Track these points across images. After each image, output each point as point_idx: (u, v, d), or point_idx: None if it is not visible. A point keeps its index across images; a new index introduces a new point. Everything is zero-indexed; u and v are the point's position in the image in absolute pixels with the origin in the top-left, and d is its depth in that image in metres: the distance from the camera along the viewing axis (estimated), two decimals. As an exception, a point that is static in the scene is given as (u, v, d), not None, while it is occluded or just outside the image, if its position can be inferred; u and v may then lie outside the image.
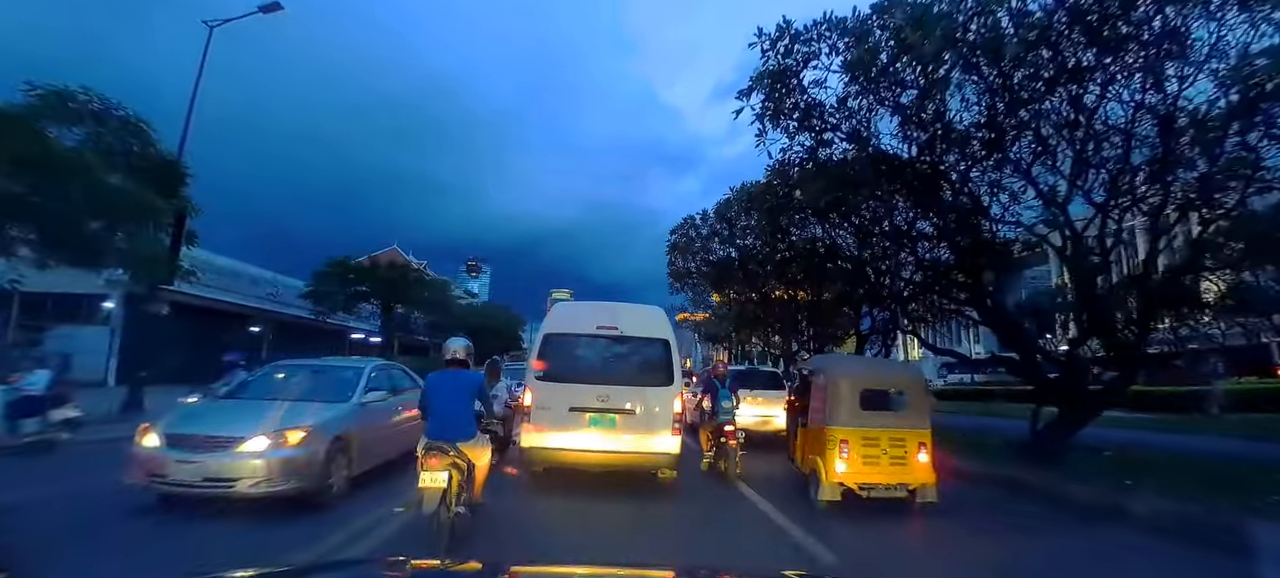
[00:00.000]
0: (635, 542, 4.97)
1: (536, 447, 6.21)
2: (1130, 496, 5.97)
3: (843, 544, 4.81)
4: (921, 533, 5.57)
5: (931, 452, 5.98)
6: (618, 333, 6.56)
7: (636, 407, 6.23)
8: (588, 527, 5.35)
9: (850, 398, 5.99)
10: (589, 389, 6.25)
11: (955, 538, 5.40)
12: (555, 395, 6.23)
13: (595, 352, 6.63)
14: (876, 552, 4.86)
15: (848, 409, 5.95)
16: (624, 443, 6.17)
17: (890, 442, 5.88)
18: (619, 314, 6.72)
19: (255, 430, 5.05)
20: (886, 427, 5.97)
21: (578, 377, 6.35)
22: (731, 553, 4.82)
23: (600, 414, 6.21)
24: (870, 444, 5.84)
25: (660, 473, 6.36)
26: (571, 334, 6.67)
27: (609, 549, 4.74)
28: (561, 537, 5.10)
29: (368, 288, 28.59)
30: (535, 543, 4.83)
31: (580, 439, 6.16)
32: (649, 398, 6.28)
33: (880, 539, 5.13)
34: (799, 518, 5.57)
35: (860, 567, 4.53)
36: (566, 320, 6.83)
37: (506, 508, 5.46)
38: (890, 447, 5.87)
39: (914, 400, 6.23)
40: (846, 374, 6.34)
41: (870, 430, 5.88)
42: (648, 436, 6.20)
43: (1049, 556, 5.00)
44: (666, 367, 6.42)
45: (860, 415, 5.97)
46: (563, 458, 6.21)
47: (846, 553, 4.61)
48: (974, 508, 6.34)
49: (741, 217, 16.98)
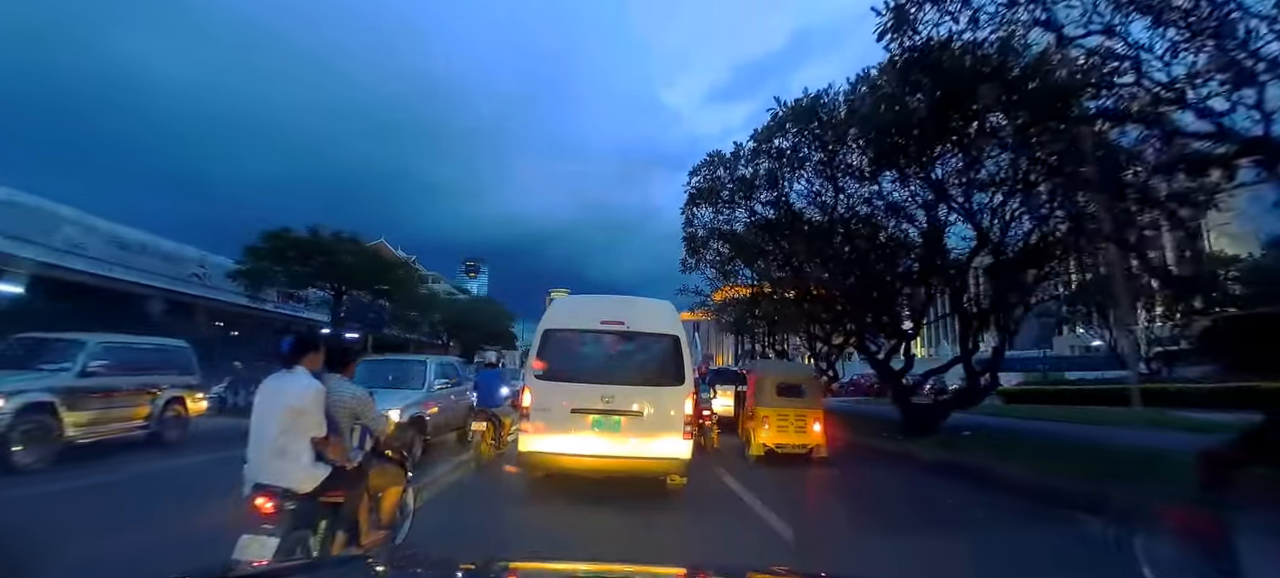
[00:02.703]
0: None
1: (534, 451, 5.95)
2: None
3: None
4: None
5: (824, 424, 9.49)
6: (624, 328, 6.21)
7: (644, 408, 5.93)
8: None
9: (771, 389, 9.21)
10: (592, 389, 5.95)
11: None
12: (555, 396, 5.96)
13: (599, 349, 6.31)
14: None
15: (769, 397, 9.16)
16: (630, 447, 5.87)
17: (796, 417, 9.33)
18: (625, 308, 6.36)
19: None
20: (794, 407, 9.41)
21: (580, 376, 6.06)
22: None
23: (604, 416, 5.89)
24: (783, 419, 9.24)
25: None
26: (573, 330, 6.34)
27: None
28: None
29: (315, 268, 23.85)
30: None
31: (582, 443, 5.86)
32: (657, 399, 5.98)
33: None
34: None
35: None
36: (568, 315, 6.50)
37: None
38: (796, 421, 9.32)
39: (811, 391, 9.77)
40: (769, 373, 9.77)
41: (784, 410, 9.16)
42: (656, 439, 5.91)
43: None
44: (676, 365, 6.08)
45: (777, 400, 9.15)
46: (563, 463, 5.99)
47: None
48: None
49: (801, 147, 12.80)
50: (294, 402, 3.19)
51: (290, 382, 3.28)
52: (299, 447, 3.16)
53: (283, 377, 3.32)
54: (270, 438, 3.14)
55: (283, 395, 3.21)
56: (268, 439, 3.15)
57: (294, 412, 3.17)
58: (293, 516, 3.08)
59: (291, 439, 3.15)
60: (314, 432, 3.22)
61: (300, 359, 3.35)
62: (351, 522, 3.52)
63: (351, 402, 3.55)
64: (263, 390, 3.30)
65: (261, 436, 3.18)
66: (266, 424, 3.17)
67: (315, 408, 3.24)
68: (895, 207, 12.75)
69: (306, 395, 3.23)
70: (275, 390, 3.25)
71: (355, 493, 3.53)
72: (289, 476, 3.11)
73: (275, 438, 3.14)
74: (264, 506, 3.04)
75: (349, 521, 3.51)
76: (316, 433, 3.23)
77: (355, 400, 3.56)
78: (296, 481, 3.12)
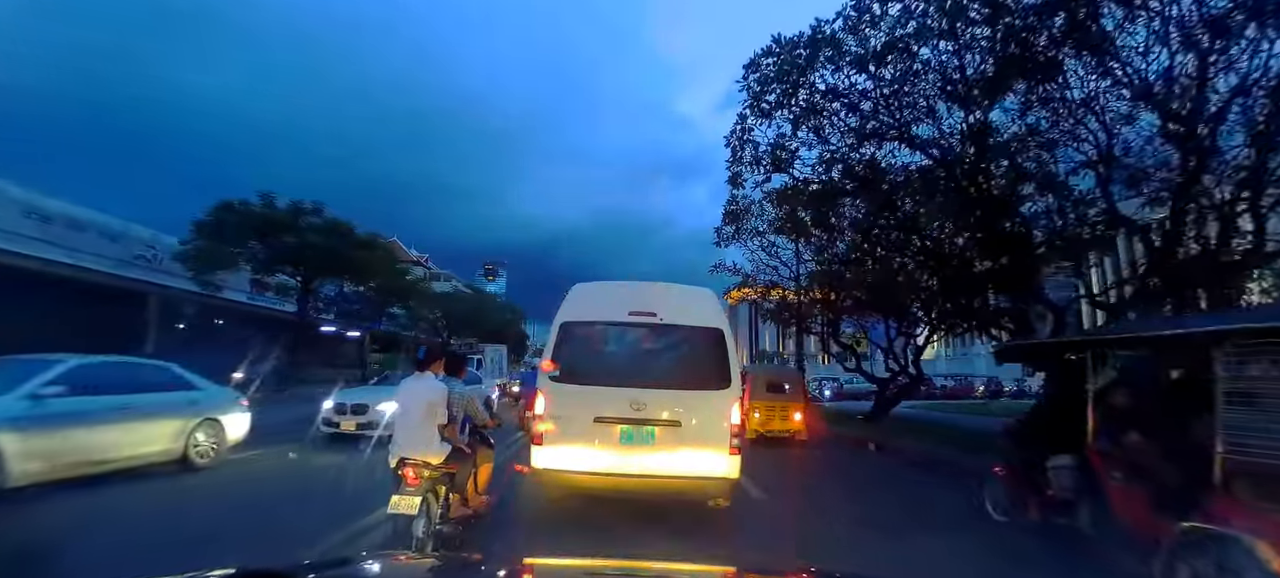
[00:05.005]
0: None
1: (551, 469, 5.17)
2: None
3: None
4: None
5: (804, 414, 12.68)
6: (657, 321, 5.42)
7: (682, 417, 5.17)
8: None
9: (762, 387, 12.14)
10: (619, 394, 5.18)
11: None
12: (575, 403, 5.19)
13: (627, 346, 5.55)
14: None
15: (759, 393, 12.07)
16: (665, 463, 5.09)
17: (780, 408, 12.49)
18: (658, 297, 5.58)
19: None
20: (779, 401, 12.57)
21: (605, 378, 5.31)
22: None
23: (635, 426, 5.13)
24: (770, 410, 12.23)
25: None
26: (596, 323, 5.56)
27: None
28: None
29: (275, 249, 20.12)
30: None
31: (608, 459, 5.11)
32: (698, 405, 5.21)
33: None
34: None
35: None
36: (589, 305, 5.62)
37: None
38: (780, 411, 12.49)
39: (793, 388, 13.03)
40: (760, 374, 12.99)
41: (771, 403, 12.12)
42: (696, 453, 5.12)
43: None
44: (721, 364, 5.33)
45: (766, 396, 12.04)
46: (585, 483, 5.22)
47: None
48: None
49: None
50: (430, 397, 4.25)
51: (425, 382, 4.36)
52: (431, 431, 4.22)
53: (418, 378, 4.41)
54: (413, 424, 4.19)
55: (421, 393, 4.27)
56: (411, 425, 4.20)
57: (429, 405, 4.22)
58: (427, 480, 4.07)
59: (427, 426, 4.21)
60: (440, 420, 4.30)
61: (429, 366, 4.52)
62: (462, 486, 4.64)
63: (462, 399, 4.79)
64: (403, 388, 4.41)
65: (406, 422, 4.25)
66: (411, 413, 4.23)
67: (442, 403, 4.31)
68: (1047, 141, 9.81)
69: (437, 393, 4.30)
70: (413, 390, 4.32)
71: (466, 465, 4.70)
72: (425, 452, 4.15)
73: (416, 424, 4.18)
74: (408, 473, 4.05)
75: (461, 485, 4.60)
76: (442, 421, 4.31)
77: (465, 398, 4.82)
78: (430, 455, 4.16)
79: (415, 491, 4.01)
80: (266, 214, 20.09)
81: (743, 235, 16.99)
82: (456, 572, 1.96)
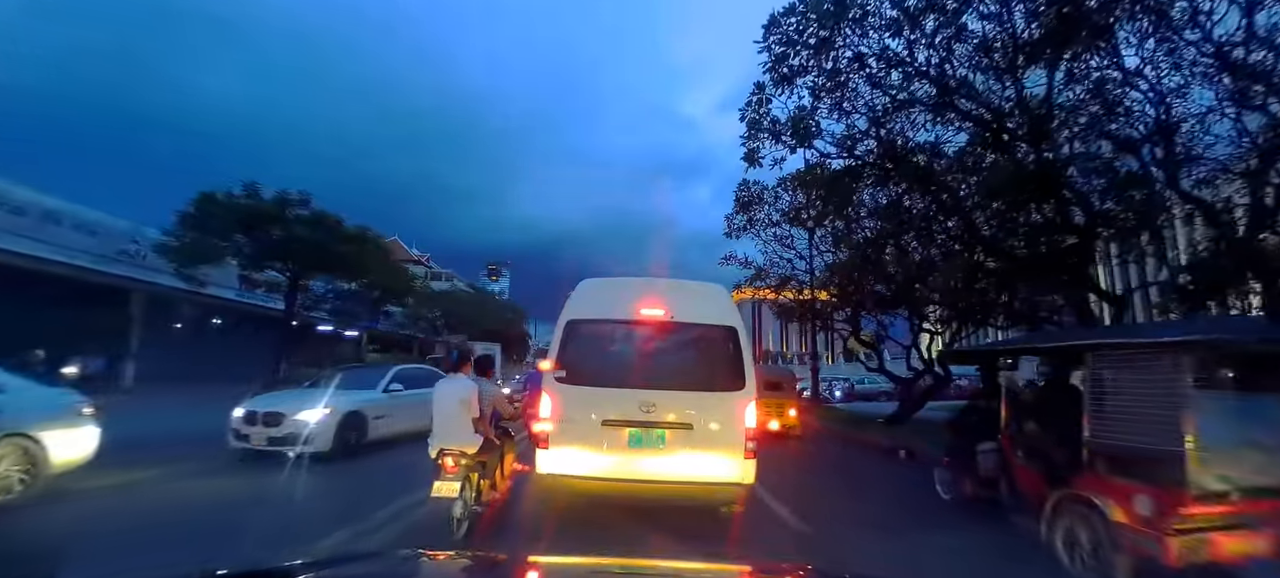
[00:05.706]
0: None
1: (556, 474, 5.03)
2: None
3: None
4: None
5: (798, 411, 12.65)
6: (667, 318, 5.28)
7: (693, 419, 5.00)
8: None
9: (759, 386, 11.44)
10: (628, 396, 5.02)
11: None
12: (582, 405, 5.06)
13: (636, 345, 5.34)
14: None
15: (760, 391, 11.40)
16: (677, 468, 4.93)
17: (777, 406, 12.39)
18: (668, 294, 5.45)
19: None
20: (776, 399, 12.45)
21: (613, 379, 5.15)
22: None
23: (644, 430, 4.97)
24: (769, 407, 12.02)
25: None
26: (604, 321, 5.40)
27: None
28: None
29: (262, 243, 19.75)
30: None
31: (616, 464, 4.96)
32: (711, 407, 5.04)
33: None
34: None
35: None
36: (597, 303, 5.48)
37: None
38: (777, 409, 12.39)
39: (787, 388, 13.00)
40: (760, 373, 12.10)
41: (768, 401, 11.82)
42: (709, 457, 4.96)
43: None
44: (734, 364, 5.19)
45: (764, 394, 11.45)
46: (592, 488, 5.07)
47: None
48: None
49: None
50: (464, 395, 4.95)
51: (458, 382, 5.09)
52: (465, 424, 4.89)
53: (452, 378, 5.14)
54: (450, 418, 4.86)
55: (454, 392, 4.96)
56: (449, 418, 4.86)
57: (463, 402, 4.91)
58: (463, 468, 4.68)
59: (462, 420, 4.88)
60: (473, 414, 4.95)
61: (460, 367, 5.31)
62: (492, 473, 5.26)
63: (491, 396, 5.52)
64: (440, 388, 5.05)
65: (444, 416, 4.91)
66: (448, 409, 4.90)
67: (473, 399, 4.97)
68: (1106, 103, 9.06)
69: (470, 391, 4.99)
70: (449, 389, 5.01)
71: (495, 454, 5.32)
72: (461, 442, 4.83)
73: (453, 418, 4.85)
74: (447, 462, 4.69)
75: (490, 472, 5.21)
76: (474, 415, 4.96)
77: (493, 396, 5.57)
78: (466, 445, 4.82)
79: (454, 477, 4.58)
80: (251, 205, 19.26)
81: (755, 226, 16.42)
82: (456, 571, 1.99)
